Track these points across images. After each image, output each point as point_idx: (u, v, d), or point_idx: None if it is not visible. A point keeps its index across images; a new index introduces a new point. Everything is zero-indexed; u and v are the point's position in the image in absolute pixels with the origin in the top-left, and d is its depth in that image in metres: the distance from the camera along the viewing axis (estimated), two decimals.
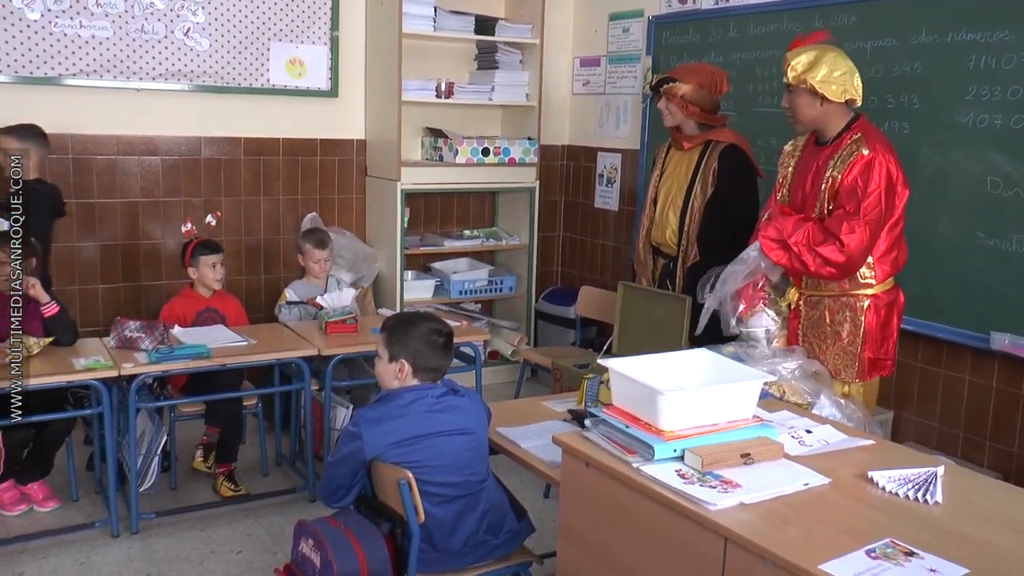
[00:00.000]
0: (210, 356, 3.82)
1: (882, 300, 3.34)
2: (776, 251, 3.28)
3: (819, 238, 3.20)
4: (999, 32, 3.73)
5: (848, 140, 3.26)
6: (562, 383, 4.59)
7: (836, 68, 3.23)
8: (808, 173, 3.39)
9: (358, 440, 2.66)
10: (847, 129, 3.30)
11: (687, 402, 2.27)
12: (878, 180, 3.15)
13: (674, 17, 5.42)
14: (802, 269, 3.27)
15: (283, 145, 5.57)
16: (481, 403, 2.88)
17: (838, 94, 3.23)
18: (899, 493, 2.18)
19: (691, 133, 4.27)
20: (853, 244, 3.14)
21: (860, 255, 3.18)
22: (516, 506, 2.93)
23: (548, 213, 6.39)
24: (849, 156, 3.22)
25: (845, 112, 3.32)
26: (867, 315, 3.32)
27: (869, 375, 3.38)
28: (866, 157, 3.17)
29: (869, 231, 3.15)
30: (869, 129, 3.29)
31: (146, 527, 3.86)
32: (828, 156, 3.30)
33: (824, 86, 3.22)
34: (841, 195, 3.22)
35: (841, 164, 3.24)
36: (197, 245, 4.42)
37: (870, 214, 3.15)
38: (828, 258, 3.17)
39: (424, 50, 5.70)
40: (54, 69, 4.84)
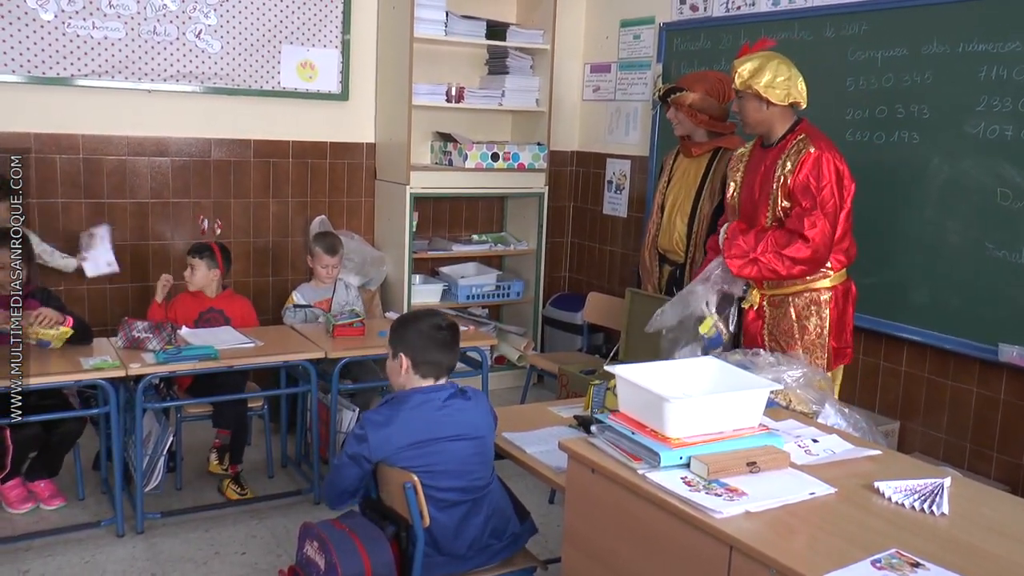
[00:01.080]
0: (217, 357, 3.83)
1: (840, 291, 3.57)
2: (746, 267, 3.46)
3: (783, 241, 3.39)
4: (1011, 43, 3.72)
5: (793, 140, 3.48)
6: (568, 389, 4.59)
7: (779, 74, 3.48)
8: (757, 175, 3.59)
9: (364, 443, 2.67)
10: (791, 131, 3.53)
11: (694, 410, 2.27)
12: (828, 175, 3.38)
13: (685, 24, 5.42)
14: (774, 276, 3.47)
15: (293, 148, 5.58)
16: (488, 406, 2.87)
17: (781, 97, 3.47)
18: (905, 504, 2.17)
19: (700, 140, 4.29)
20: (817, 236, 3.35)
21: (825, 246, 3.38)
22: (519, 508, 2.94)
23: (556, 219, 6.39)
24: (797, 155, 3.44)
25: (790, 115, 3.56)
26: (830, 308, 3.54)
27: (834, 364, 3.60)
28: (813, 155, 3.40)
29: (829, 222, 3.36)
30: (812, 130, 3.52)
31: (151, 527, 3.87)
32: (775, 157, 3.52)
33: (768, 91, 3.46)
34: (796, 193, 3.41)
35: (789, 163, 3.44)
36: (201, 248, 4.48)
37: (827, 206, 3.37)
38: (796, 257, 3.37)
39: (435, 54, 5.72)
40: (66, 70, 4.86)
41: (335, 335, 4.24)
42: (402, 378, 2.81)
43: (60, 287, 4.83)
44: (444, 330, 2.82)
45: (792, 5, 4.72)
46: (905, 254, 4.14)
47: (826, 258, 3.43)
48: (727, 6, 5.13)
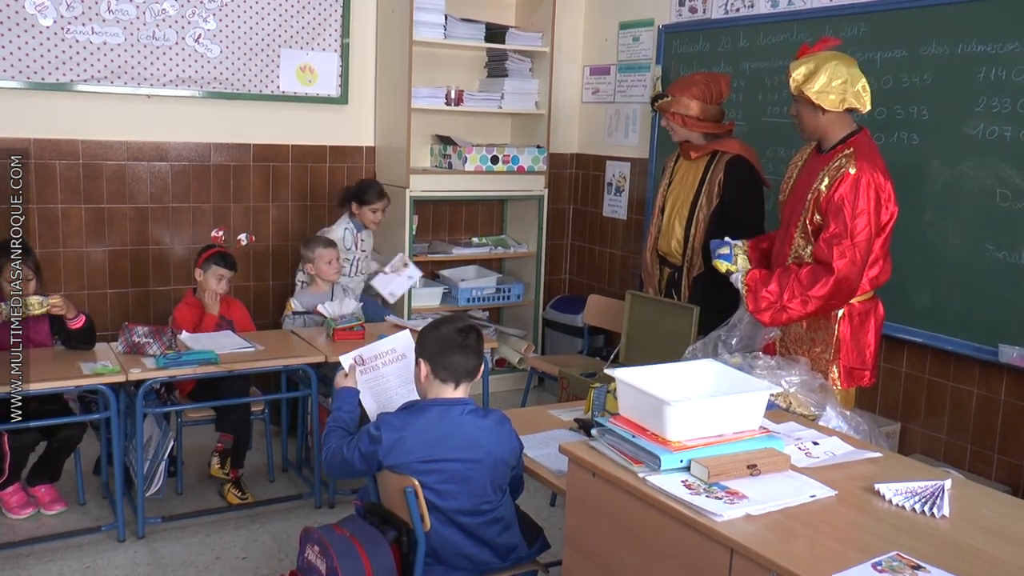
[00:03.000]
0: (218, 362, 3.83)
1: (856, 310, 3.36)
2: (778, 318, 3.30)
3: (807, 282, 3.22)
4: (1009, 44, 3.72)
5: (841, 153, 3.27)
6: (569, 392, 4.58)
7: (835, 78, 3.23)
8: (803, 182, 3.42)
9: (377, 444, 2.64)
10: (843, 142, 3.30)
11: (694, 413, 2.27)
12: (866, 201, 3.17)
13: (684, 26, 5.43)
14: (808, 317, 3.32)
15: (292, 152, 5.59)
16: (510, 431, 2.75)
17: (836, 104, 3.24)
18: (906, 506, 2.17)
19: (698, 143, 4.28)
20: (844, 268, 3.17)
21: (852, 278, 3.20)
22: (530, 528, 2.89)
23: (556, 221, 6.39)
24: (837, 171, 3.23)
25: (848, 122, 3.33)
26: (840, 324, 3.35)
27: (845, 384, 3.40)
28: (852, 176, 3.18)
29: (859, 252, 3.18)
30: (863, 144, 3.28)
31: (152, 532, 3.87)
32: (821, 166, 3.32)
33: (821, 96, 3.24)
34: (827, 211, 3.22)
35: (828, 178, 3.25)
36: (216, 253, 4.41)
37: (858, 235, 3.17)
38: (822, 295, 3.20)
39: (434, 58, 5.72)
40: (66, 75, 4.86)
41: (335, 339, 4.25)
42: (423, 385, 2.78)
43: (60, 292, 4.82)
44: (463, 333, 2.75)
45: (791, 7, 4.73)
46: (905, 255, 4.12)
47: (854, 288, 3.24)
48: (726, 8, 5.14)
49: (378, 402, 3.12)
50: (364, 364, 3.13)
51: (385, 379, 3.15)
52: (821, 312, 3.29)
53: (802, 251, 3.38)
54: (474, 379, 2.79)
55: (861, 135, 3.33)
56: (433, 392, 2.74)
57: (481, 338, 2.81)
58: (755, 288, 3.34)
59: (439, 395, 2.73)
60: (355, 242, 5.16)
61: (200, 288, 4.40)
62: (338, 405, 2.98)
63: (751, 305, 3.35)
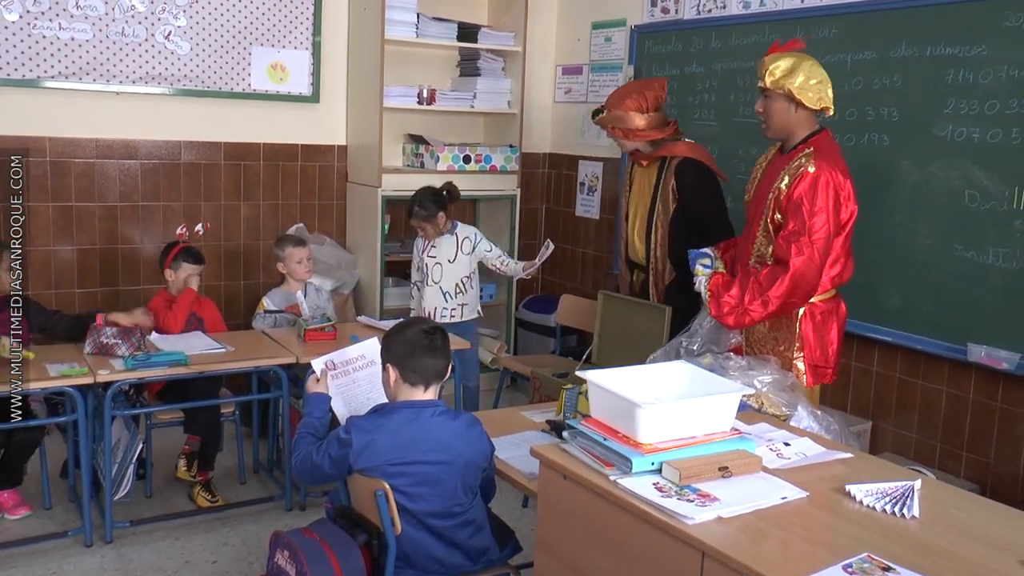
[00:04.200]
0: (188, 363, 3.79)
1: (819, 308, 3.40)
2: (741, 320, 3.33)
3: (766, 282, 3.25)
4: (976, 47, 3.76)
5: (800, 153, 3.31)
6: (541, 392, 4.58)
7: (813, 77, 3.29)
8: (769, 180, 3.44)
9: (347, 448, 2.62)
10: (804, 141, 3.34)
11: (665, 415, 2.27)
12: (824, 199, 3.20)
13: (656, 27, 5.43)
14: (771, 318, 3.35)
15: (264, 150, 5.55)
16: (480, 433, 2.74)
17: (814, 102, 3.28)
18: (876, 507, 2.18)
19: (647, 151, 4.27)
20: (800, 264, 3.19)
21: (810, 274, 3.23)
22: (502, 531, 2.89)
23: (529, 221, 6.38)
24: (796, 170, 3.26)
25: (813, 122, 3.37)
26: (803, 323, 3.39)
27: (811, 382, 3.44)
28: (811, 174, 3.21)
29: (817, 249, 3.20)
30: (823, 144, 3.32)
31: (120, 536, 3.82)
32: (782, 165, 3.35)
33: (802, 92, 3.27)
34: (786, 209, 3.26)
35: (788, 176, 3.28)
36: (183, 250, 4.38)
37: (817, 233, 3.20)
38: (782, 294, 3.22)
39: (406, 56, 5.69)
40: (32, 71, 4.79)
41: (307, 339, 4.22)
42: (392, 389, 2.77)
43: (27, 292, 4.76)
44: (429, 335, 2.74)
45: (763, 8, 4.74)
46: (876, 256, 4.16)
47: (814, 285, 3.27)
48: (698, 9, 5.15)
49: (349, 407, 3.10)
50: (335, 369, 3.11)
51: (356, 384, 3.14)
52: (783, 312, 3.32)
53: (764, 249, 3.41)
54: (443, 380, 2.79)
55: (822, 135, 3.37)
56: (403, 395, 2.73)
57: (447, 338, 2.82)
58: (717, 293, 3.37)
59: (409, 398, 2.72)
60: (424, 247, 4.98)
61: (172, 288, 4.37)
62: (308, 411, 2.96)
63: (714, 310, 3.38)
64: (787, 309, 3.32)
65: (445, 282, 4.95)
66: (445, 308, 4.94)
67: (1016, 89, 3.64)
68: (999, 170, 3.70)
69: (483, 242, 5.05)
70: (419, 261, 5.01)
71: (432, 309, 4.93)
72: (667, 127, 4.26)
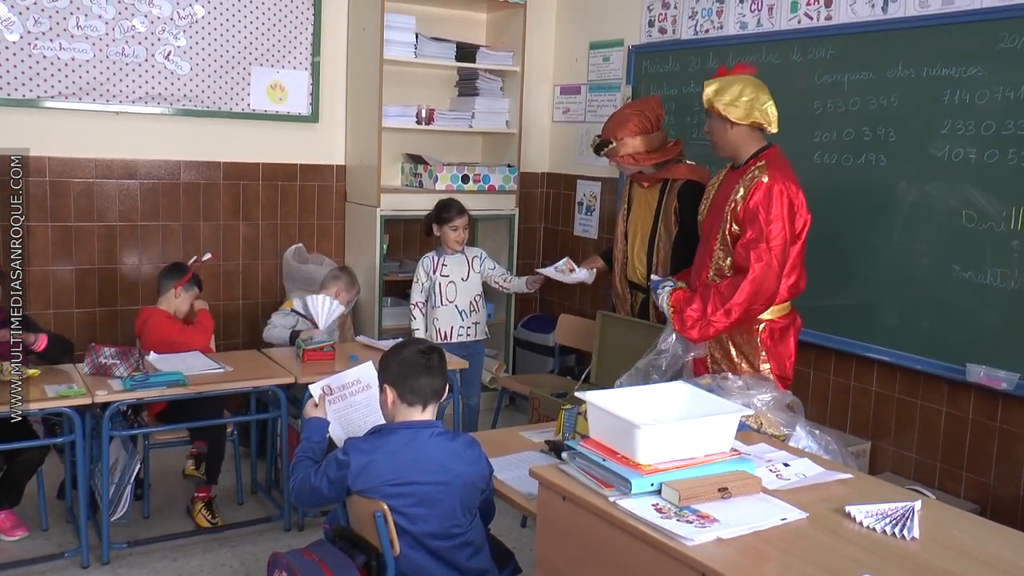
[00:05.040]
0: (186, 384, 3.79)
1: (777, 325, 3.54)
2: (705, 332, 3.42)
3: (727, 292, 3.36)
4: (972, 68, 3.78)
5: (753, 167, 3.45)
6: (540, 412, 4.57)
7: (743, 94, 3.44)
8: (723, 195, 3.56)
9: (346, 469, 2.62)
10: (755, 156, 3.48)
11: (665, 436, 2.27)
12: (779, 207, 3.34)
13: (654, 47, 5.46)
14: (735, 327, 3.44)
15: (263, 170, 5.56)
16: (479, 454, 2.73)
17: (742, 116, 3.43)
18: (876, 528, 2.17)
19: (650, 173, 4.29)
20: (760, 269, 3.31)
21: (770, 278, 3.34)
22: (500, 556, 2.87)
23: (528, 240, 6.39)
24: (751, 182, 3.40)
25: (757, 139, 3.52)
26: (762, 335, 3.51)
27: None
28: (765, 184, 3.36)
29: (775, 255, 3.33)
30: (774, 158, 3.47)
31: (117, 557, 3.80)
32: (735, 180, 3.48)
33: (728, 108, 3.43)
34: (744, 219, 3.38)
35: (743, 189, 3.41)
36: (195, 277, 4.45)
37: (773, 239, 3.33)
38: (743, 301, 3.33)
39: (405, 76, 5.71)
40: (32, 91, 4.81)
41: (305, 360, 4.21)
42: (390, 410, 2.76)
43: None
44: (425, 355, 2.75)
45: (760, 29, 4.77)
46: (874, 275, 4.17)
47: (774, 291, 3.37)
48: (695, 29, 5.17)
49: (346, 431, 3.10)
50: (333, 394, 3.11)
51: (353, 408, 3.14)
52: (745, 320, 3.41)
53: (722, 262, 3.51)
54: (440, 399, 2.79)
55: (771, 150, 3.52)
56: (400, 416, 2.73)
57: (443, 358, 2.82)
58: (680, 308, 3.47)
59: (407, 418, 2.72)
60: (434, 267, 4.96)
61: (172, 305, 4.38)
62: (307, 435, 2.96)
63: (678, 325, 3.47)
64: (750, 317, 3.41)
65: (460, 300, 4.95)
66: (462, 327, 4.94)
67: (1012, 110, 3.65)
68: (996, 190, 3.71)
69: (487, 260, 5.08)
70: (427, 282, 4.96)
71: (448, 329, 4.92)
72: (672, 146, 4.28)
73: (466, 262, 4.99)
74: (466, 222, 4.91)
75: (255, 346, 4.78)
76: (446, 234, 4.88)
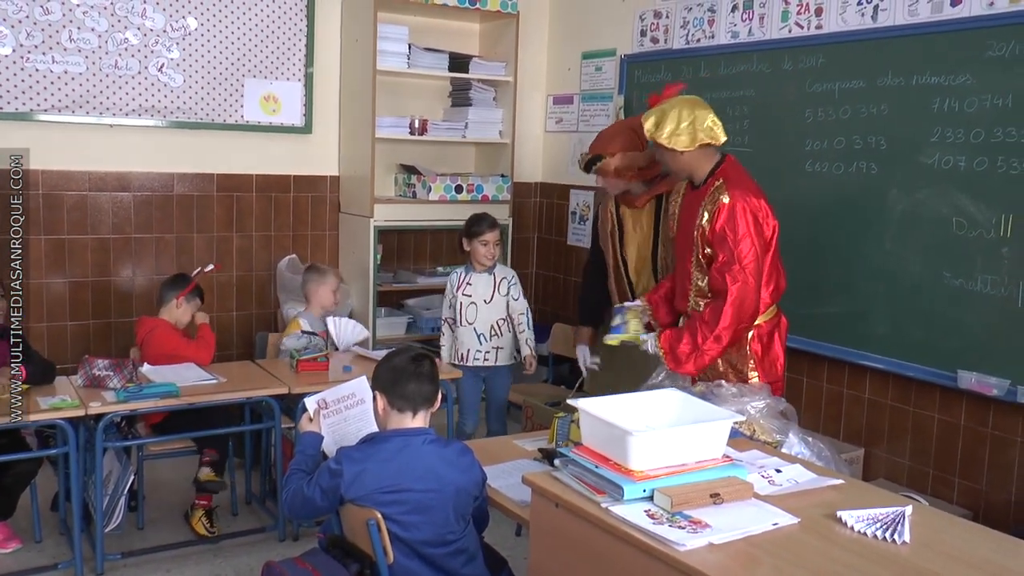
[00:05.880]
0: (179, 395, 3.79)
1: (764, 330, 3.54)
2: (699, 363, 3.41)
3: (710, 319, 3.37)
4: (961, 76, 3.80)
5: (712, 187, 3.43)
6: (534, 420, 4.58)
7: (682, 120, 3.41)
8: (687, 219, 3.57)
9: (339, 478, 2.63)
10: (712, 174, 3.47)
11: (657, 442, 2.28)
12: (744, 224, 3.34)
13: (646, 56, 5.49)
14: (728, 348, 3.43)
15: (256, 181, 5.57)
16: (472, 461, 2.75)
17: (688, 144, 3.41)
18: (867, 533, 2.18)
19: (639, 192, 4.17)
20: (737, 290, 3.32)
21: (749, 297, 3.35)
22: (494, 564, 2.88)
23: (521, 250, 6.40)
24: (713, 203, 3.39)
25: (710, 155, 3.50)
26: (752, 344, 3.52)
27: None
28: (727, 205, 3.35)
29: (749, 272, 3.33)
30: (730, 173, 3.46)
31: (111, 568, 3.79)
32: (698, 201, 3.47)
33: (673, 140, 3.41)
34: (713, 242, 3.39)
35: (707, 212, 3.41)
36: (197, 288, 4.46)
37: (745, 258, 3.33)
38: (728, 325, 3.33)
39: (398, 87, 5.73)
40: (25, 104, 4.82)
41: (299, 370, 4.21)
42: (382, 418, 2.78)
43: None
44: (416, 362, 2.77)
45: (751, 38, 4.79)
46: (866, 283, 4.19)
47: (755, 306, 3.38)
48: (687, 39, 5.20)
49: (340, 445, 3.10)
50: (327, 408, 3.12)
51: (347, 422, 3.14)
52: (735, 340, 3.42)
53: (701, 283, 3.53)
54: (432, 406, 2.80)
55: (726, 164, 3.51)
56: (393, 423, 2.75)
57: (435, 365, 2.84)
58: (671, 348, 3.46)
59: (399, 426, 2.73)
60: (459, 284, 4.72)
61: (173, 315, 4.38)
62: (300, 449, 2.96)
63: (672, 364, 3.47)
64: (739, 336, 3.42)
65: (480, 323, 4.66)
66: (479, 351, 4.67)
67: (1001, 117, 3.68)
68: (986, 198, 3.73)
69: (515, 287, 4.78)
70: (452, 298, 4.74)
71: (465, 352, 4.69)
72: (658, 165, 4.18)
73: (493, 283, 4.71)
74: (497, 237, 4.67)
75: (249, 357, 4.78)
76: (476, 249, 4.64)
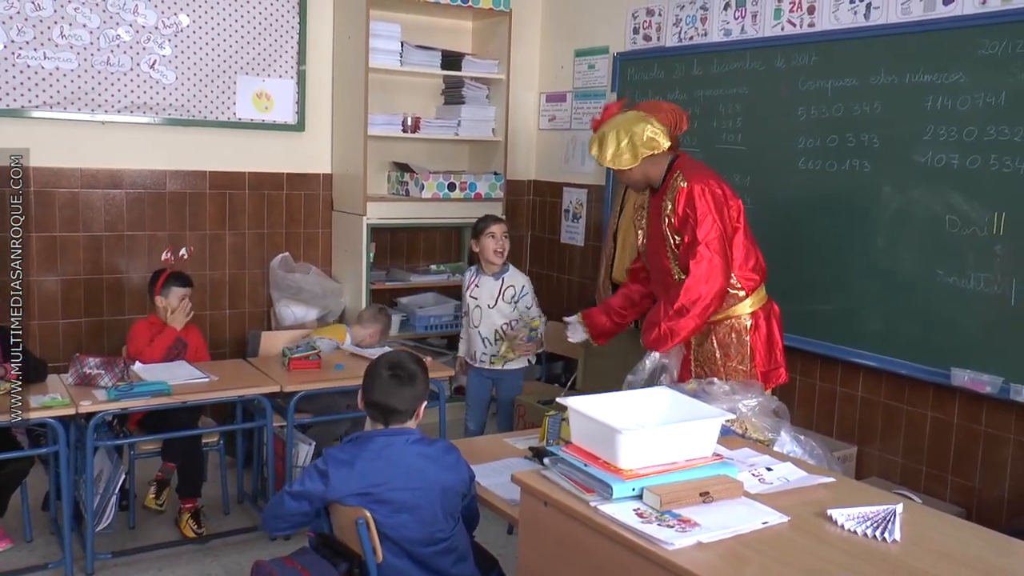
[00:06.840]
0: (171, 393, 3.78)
1: (761, 315, 3.57)
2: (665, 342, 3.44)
3: (675, 294, 3.39)
4: (954, 74, 3.80)
5: (670, 181, 3.48)
6: (526, 419, 4.57)
7: (620, 140, 3.44)
8: (653, 221, 3.60)
9: (325, 479, 2.61)
10: (669, 171, 3.51)
11: (646, 441, 2.26)
12: (703, 204, 3.38)
13: (639, 54, 5.48)
14: (690, 330, 3.45)
15: (249, 179, 5.55)
16: (458, 459, 2.73)
17: (632, 161, 3.45)
18: (857, 531, 2.17)
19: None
20: (703, 267, 3.35)
21: (715, 272, 3.37)
22: (485, 563, 2.87)
23: (514, 248, 6.33)
24: (674, 192, 3.45)
25: (661, 159, 3.53)
26: (751, 335, 3.55)
27: (767, 387, 3.55)
28: (686, 189, 3.41)
29: (715, 252, 3.36)
30: (686, 164, 3.52)
31: (102, 568, 3.78)
32: (660, 199, 3.52)
33: (617, 161, 3.46)
34: (680, 229, 3.44)
35: (670, 203, 3.46)
36: (171, 275, 4.39)
37: (709, 235, 3.37)
38: (690, 302, 3.36)
39: (391, 84, 5.72)
40: (17, 101, 4.80)
41: (291, 368, 4.20)
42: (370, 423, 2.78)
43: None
44: (390, 370, 2.71)
45: (744, 35, 4.79)
46: (859, 281, 4.18)
47: (721, 285, 3.38)
48: (680, 36, 5.19)
49: None
50: None
51: None
52: (704, 317, 3.42)
53: (679, 276, 3.52)
54: (411, 417, 2.74)
55: (680, 159, 3.55)
56: (372, 426, 2.75)
57: (413, 374, 2.74)
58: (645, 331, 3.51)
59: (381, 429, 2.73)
60: (468, 284, 4.67)
61: (162, 313, 4.35)
62: None
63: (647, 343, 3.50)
64: (707, 313, 3.41)
65: (484, 327, 4.59)
66: (484, 354, 4.61)
67: (993, 116, 3.67)
68: (978, 196, 3.73)
69: (527, 297, 4.64)
70: (465, 297, 4.73)
71: (474, 352, 4.65)
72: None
73: (498, 289, 4.59)
74: (504, 229, 4.59)
75: (241, 355, 4.77)
76: (485, 245, 4.55)
